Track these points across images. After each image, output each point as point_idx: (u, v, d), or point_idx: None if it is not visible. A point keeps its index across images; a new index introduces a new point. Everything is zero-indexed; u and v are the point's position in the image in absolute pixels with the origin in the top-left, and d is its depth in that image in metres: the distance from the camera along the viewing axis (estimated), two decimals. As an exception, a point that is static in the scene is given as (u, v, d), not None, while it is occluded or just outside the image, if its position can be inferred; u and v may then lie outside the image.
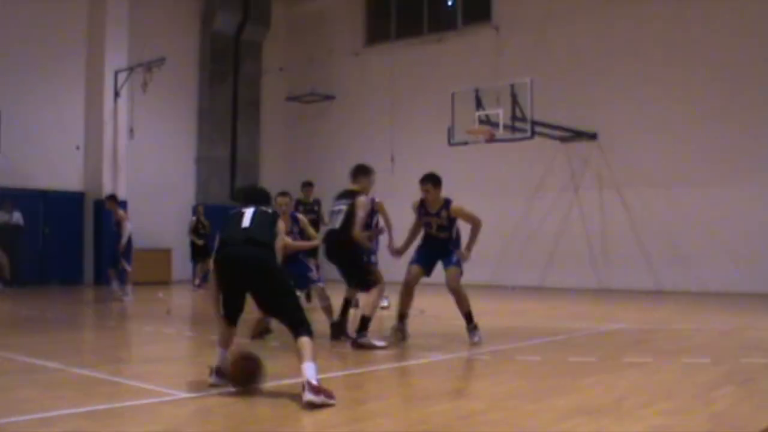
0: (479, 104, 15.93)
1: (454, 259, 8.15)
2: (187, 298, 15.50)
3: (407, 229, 8.58)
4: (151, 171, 20.03)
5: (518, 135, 15.62)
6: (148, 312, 12.41)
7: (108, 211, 18.95)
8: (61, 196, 18.58)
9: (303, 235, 8.69)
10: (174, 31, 21.05)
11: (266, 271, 5.49)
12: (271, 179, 23.42)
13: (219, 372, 5.55)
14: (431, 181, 8.30)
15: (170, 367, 7.16)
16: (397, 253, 8.58)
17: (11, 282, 16.36)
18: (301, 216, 9.08)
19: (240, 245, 5.55)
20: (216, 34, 21.92)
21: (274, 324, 7.81)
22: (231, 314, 5.62)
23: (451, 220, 8.30)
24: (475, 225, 8.22)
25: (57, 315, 11.53)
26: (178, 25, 21.31)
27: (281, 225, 6.08)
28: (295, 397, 5.30)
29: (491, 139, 15.68)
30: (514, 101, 15.50)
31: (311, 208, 13.07)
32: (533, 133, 15.69)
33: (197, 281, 17.56)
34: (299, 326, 5.25)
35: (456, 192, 12.85)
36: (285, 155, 23.54)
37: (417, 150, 20.45)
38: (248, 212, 5.77)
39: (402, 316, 8.29)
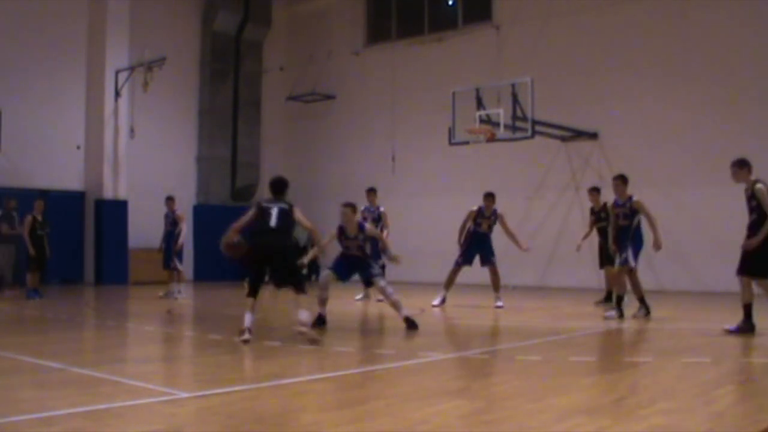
0: (480, 104, 15.91)
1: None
2: (187, 298, 15.47)
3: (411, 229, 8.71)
4: (151, 171, 20.01)
5: (519, 134, 15.60)
6: (148, 312, 12.41)
7: (111, 211, 19.20)
8: (61, 195, 18.57)
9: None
10: (175, 31, 21.05)
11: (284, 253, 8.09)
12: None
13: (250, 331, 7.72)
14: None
15: (170, 367, 7.16)
16: None
17: (12, 282, 16.35)
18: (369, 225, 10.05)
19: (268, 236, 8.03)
20: (217, 34, 21.92)
21: (274, 324, 7.80)
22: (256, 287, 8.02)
23: None
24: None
25: (57, 315, 11.53)
26: (178, 25, 21.32)
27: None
28: (295, 397, 5.30)
29: (492, 139, 15.66)
30: (515, 101, 15.48)
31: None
32: (534, 132, 15.67)
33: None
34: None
35: (457, 191, 12.90)
36: (285, 155, 23.54)
37: (418, 149, 20.46)
38: (274, 211, 8.09)
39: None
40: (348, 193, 17.88)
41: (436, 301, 12.47)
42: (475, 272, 12.74)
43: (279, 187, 8.38)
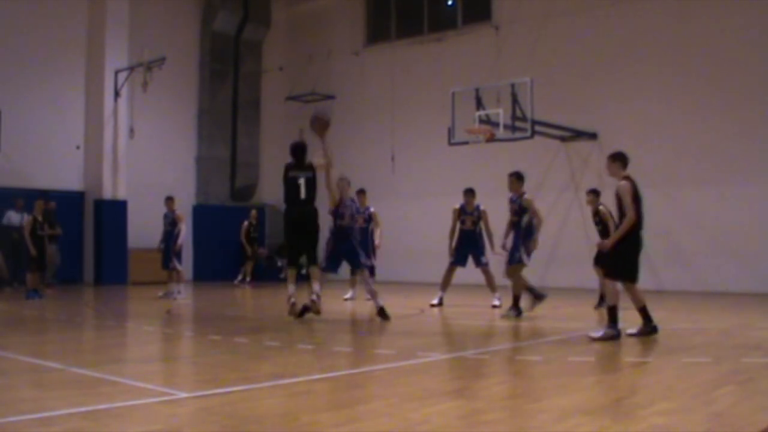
0: (479, 104, 15.91)
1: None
2: (187, 298, 15.48)
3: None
4: (151, 171, 20.02)
5: (518, 134, 15.60)
6: (147, 312, 12.40)
7: (111, 211, 19.18)
8: (61, 196, 18.55)
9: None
10: (174, 31, 21.05)
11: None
12: (271, 179, 23.40)
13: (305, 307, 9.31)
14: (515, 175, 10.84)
15: (170, 367, 7.15)
16: None
17: (11, 281, 16.37)
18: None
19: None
20: (216, 34, 21.92)
21: (274, 324, 7.80)
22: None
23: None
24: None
25: (57, 315, 11.52)
26: (178, 25, 21.31)
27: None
28: (295, 397, 5.30)
29: (491, 139, 15.66)
30: (515, 101, 15.49)
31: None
32: (533, 132, 15.67)
33: (240, 277, 19.20)
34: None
35: (457, 191, 12.89)
36: (285, 155, 23.32)
37: (417, 150, 20.46)
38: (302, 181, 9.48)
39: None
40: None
41: (434, 301, 12.47)
42: (474, 273, 12.73)
43: (297, 151, 9.80)
